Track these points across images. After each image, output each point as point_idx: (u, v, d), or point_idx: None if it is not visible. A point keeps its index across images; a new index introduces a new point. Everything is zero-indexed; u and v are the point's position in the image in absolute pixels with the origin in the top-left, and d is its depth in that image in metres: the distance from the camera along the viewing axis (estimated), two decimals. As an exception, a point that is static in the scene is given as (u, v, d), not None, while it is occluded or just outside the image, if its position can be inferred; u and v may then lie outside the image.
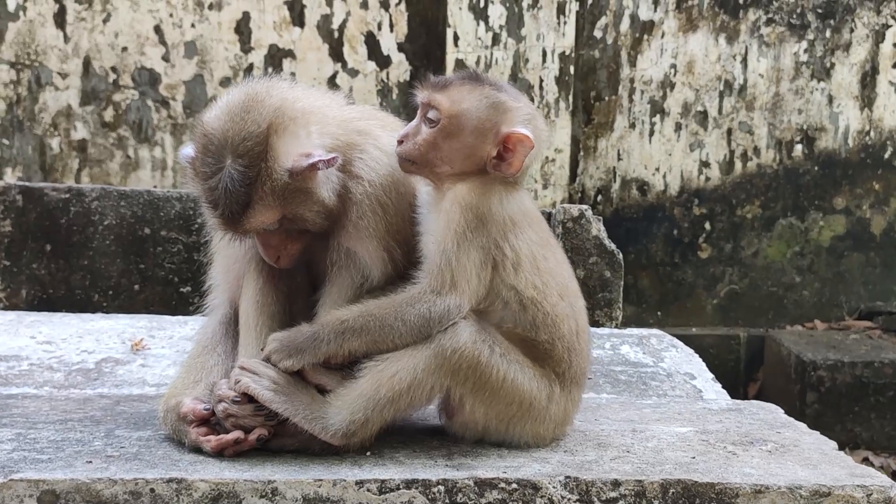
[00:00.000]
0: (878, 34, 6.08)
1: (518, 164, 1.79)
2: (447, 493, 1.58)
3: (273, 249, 1.82)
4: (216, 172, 1.73)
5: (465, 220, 1.73)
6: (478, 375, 1.69)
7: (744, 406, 2.12)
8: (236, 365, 1.76)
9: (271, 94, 1.78)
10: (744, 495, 1.57)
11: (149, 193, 3.34)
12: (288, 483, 1.57)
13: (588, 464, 1.67)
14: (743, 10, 6.05)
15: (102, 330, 2.68)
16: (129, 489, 1.55)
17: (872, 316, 6.15)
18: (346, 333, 1.70)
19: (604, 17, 6.06)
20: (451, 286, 1.70)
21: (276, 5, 6.00)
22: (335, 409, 1.69)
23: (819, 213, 6.12)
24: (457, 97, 1.79)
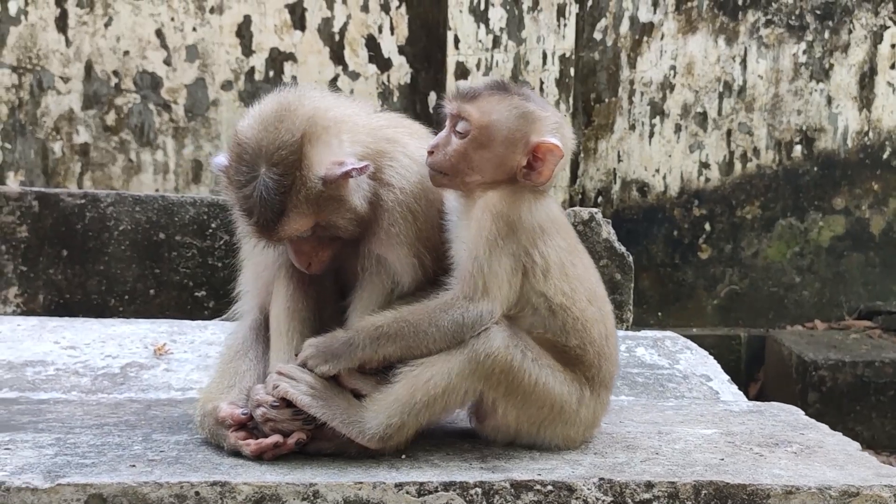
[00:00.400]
0: (877, 35, 6.14)
1: (548, 173, 1.82)
2: (484, 495, 1.62)
3: (305, 256, 1.85)
4: (250, 181, 1.75)
5: (497, 227, 1.76)
6: (510, 380, 1.73)
7: (764, 408, 2.16)
8: (274, 370, 1.79)
9: (303, 103, 1.81)
10: (775, 496, 1.61)
11: (163, 199, 3.36)
12: (329, 486, 1.60)
13: (619, 466, 1.71)
14: (742, 12, 6.10)
15: (125, 335, 2.70)
16: (174, 492, 1.58)
17: (872, 315, 6.21)
18: (381, 339, 1.73)
19: (603, 19, 6.10)
20: (484, 292, 1.73)
21: (277, 9, 6.02)
22: (372, 413, 1.72)
23: (819, 213, 6.18)
24: (486, 108, 1.81)
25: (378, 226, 1.84)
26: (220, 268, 3.35)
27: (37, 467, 1.64)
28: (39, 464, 1.66)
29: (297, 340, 1.90)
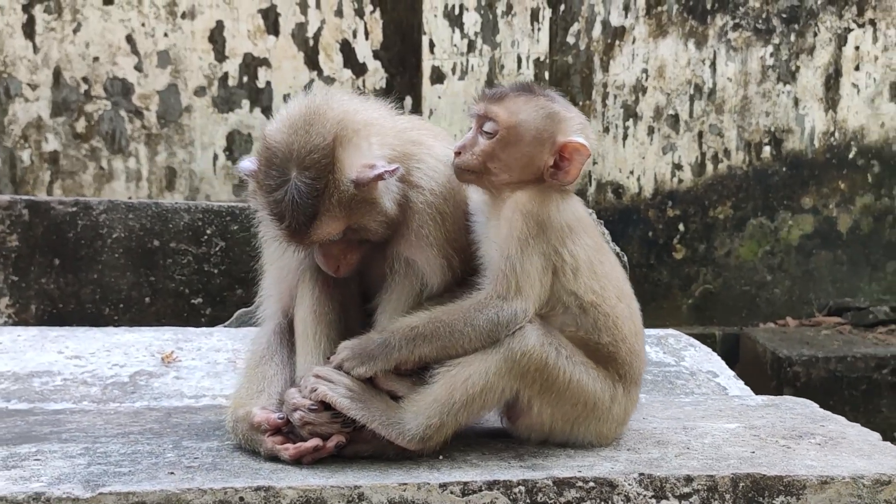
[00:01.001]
0: (841, 38, 6.29)
1: (575, 173, 1.84)
2: (527, 493, 1.63)
3: (333, 260, 1.84)
4: (281, 185, 1.74)
5: (528, 227, 1.77)
6: (545, 377, 1.74)
7: (779, 401, 2.21)
8: (308, 374, 1.78)
9: (332, 106, 1.81)
10: (811, 487, 1.65)
11: (157, 206, 3.33)
12: (373, 488, 1.60)
13: (655, 461, 1.73)
14: (710, 16, 6.21)
15: (129, 343, 2.66)
16: (218, 498, 1.56)
17: (841, 312, 6.35)
18: (416, 340, 1.74)
19: (576, 23, 6.16)
20: (517, 291, 1.74)
21: (250, 14, 5.98)
22: (411, 414, 1.73)
23: (788, 212, 6.31)
24: (514, 108, 1.83)
25: (407, 228, 1.85)
26: (216, 274, 3.33)
27: (73, 477, 1.62)
28: (74, 473, 1.64)
29: (325, 344, 1.89)
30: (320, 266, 1.87)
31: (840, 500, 1.65)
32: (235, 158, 5.97)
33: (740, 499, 1.65)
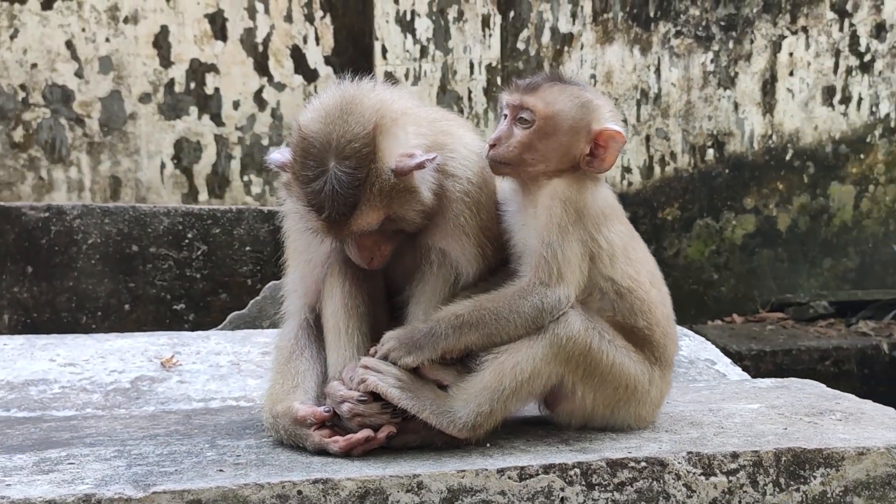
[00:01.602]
0: (776, 45, 6.53)
1: (612, 160, 1.86)
2: (582, 475, 1.65)
3: (367, 251, 1.82)
4: (319, 175, 1.72)
5: (567, 214, 1.79)
6: (588, 362, 1.76)
7: (787, 383, 2.28)
8: (356, 365, 1.75)
9: (368, 95, 1.79)
10: (849, 458, 1.71)
11: (134, 209, 3.24)
12: (432, 476, 1.59)
13: (696, 440, 1.77)
14: (654, 23, 6.37)
15: (123, 349, 2.58)
16: (276, 493, 1.53)
17: (783, 307, 6.58)
18: (462, 328, 1.73)
19: (526, 29, 6.25)
20: (559, 277, 1.75)
21: (196, 19, 5.88)
22: (461, 402, 1.72)
23: (731, 212, 6.51)
24: (549, 98, 1.85)
25: (443, 217, 1.84)
26: (199, 279, 3.26)
27: (118, 478, 1.56)
28: (118, 475, 1.58)
29: (358, 337, 1.87)
30: (353, 259, 1.84)
31: (876, 470, 1.72)
32: (184, 167, 5.85)
33: (783, 472, 1.70)
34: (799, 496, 1.70)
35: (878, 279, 6.71)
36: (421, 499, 1.58)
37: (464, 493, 1.60)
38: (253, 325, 2.92)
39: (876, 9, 6.60)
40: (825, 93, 6.60)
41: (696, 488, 1.67)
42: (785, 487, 1.70)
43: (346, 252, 1.86)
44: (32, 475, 1.58)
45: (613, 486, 1.65)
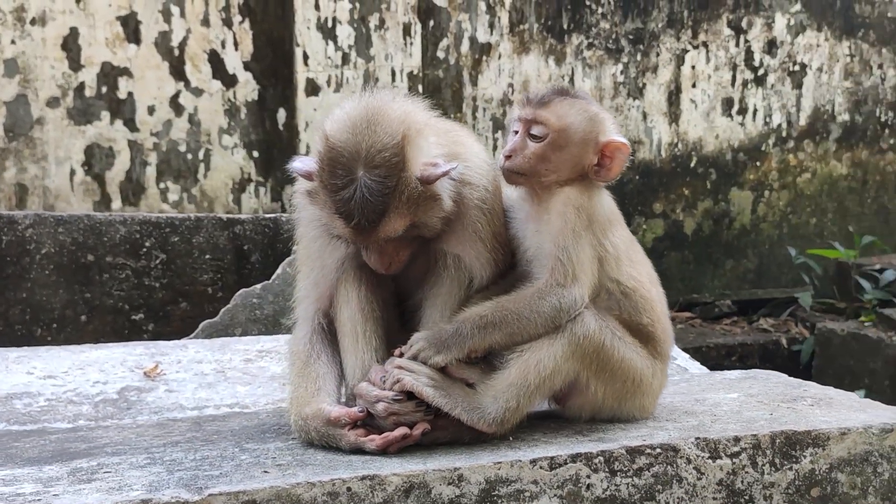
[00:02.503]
0: (679, 58, 6.89)
1: (618, 170, 1.99)
2: (605, 462, 1.76)
3: (387, 257, 1.88)
4: (349, 184, 1.77)
5: (579, 219, 1.90)
6: (602, 357, 1.88)
7: (753, 374, 2.47)
8: (392, 365, 1.81)
9: (392, 107, 1.85)
10: (833, 438, 1.89)
11: (89, 218, 3.17)
12: (472, 468, 1.67)
13: (698, 427, 1.91)
14: (567, 35, 6.62)
15: (101, 360, 2.53)
16: (326, 490, 1.58)
17: (691, 307, 6.94)
18: (487, 328, 1.82)
19: (445, 38, 6.38)
20: (574, 278, 1.86)
21: (108, 21, 5.73)
22: (489, 398, 1.81)
23: (642, 217, 6.82)
24: (561, 112, 1.95)
25: (461, 224, 1.92)
26: (158, 288, 3.21)
27: (167, 483, 1.57)
28: (164, 481, 1.59)
29: (375, 341, 1.93)
30: (371, 265, 1.90)
31: (856, 448, 1.91)
32: (96, 173, 5.69)
33: (777, 453, 1.87)
34: (792, 474, 1.87)
35: (774, 279, 7.17)
36: (461, 490, 1.67)
37: (500, 483, 1.69)
38: (225, 332, 2.91)
39: (767, 27, 7.07)
40: (724, 104, 7.01)
41: (704, 471, 1.82)
42: (780, 467, 1.87)
43: (363, 258, 1.91)
44: (74, 485, 1.58)
45: (633, 471, 1.78)
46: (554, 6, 6.62)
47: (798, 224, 7.20)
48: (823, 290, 6.80)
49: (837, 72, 7.24)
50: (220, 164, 6.04)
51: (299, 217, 2.02)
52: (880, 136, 7.36)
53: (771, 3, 7.05)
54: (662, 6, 6.86)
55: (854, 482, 1.90)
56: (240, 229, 3.38)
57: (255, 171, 6.12)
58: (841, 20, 7.18)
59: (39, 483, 1.59)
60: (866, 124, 7.33)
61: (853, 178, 7.32)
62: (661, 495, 1.79)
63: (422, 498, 1.64)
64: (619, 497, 1.76)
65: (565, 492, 1.73)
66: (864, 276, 6.32)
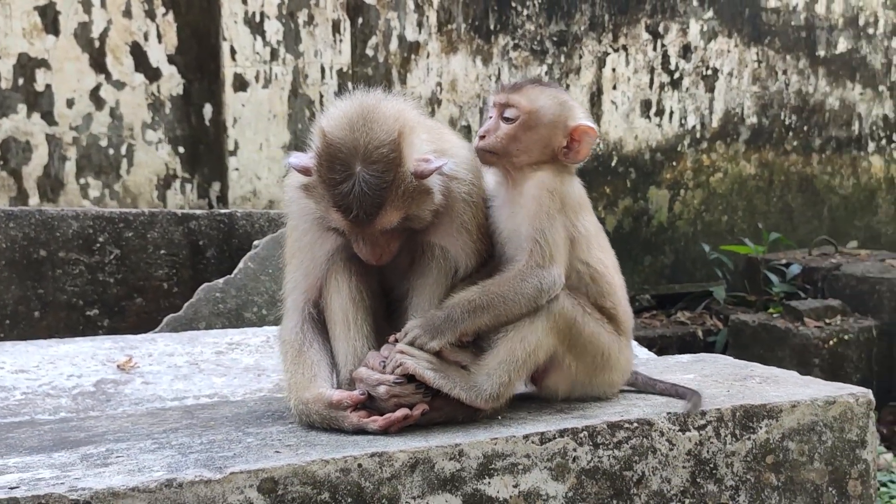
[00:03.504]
0: (601, 61, 7.15)
1: (585, 152, 2.10)
2: (589, 436, 1.90)
3: (378, 248, 1.97)
4: (347, 178, 1.86)
5: (553, 201, 2.02)
6: (574, 332, 2.00)
7: (701, 357, 2.67)
8: (394, 350, 1.90)
9: (386, 105, 1.95)
10: (785, 410, 2.08)
11: (41, 213, 3.13)
12: (471, 444, 1.78)
13: (667, 403, 2.07)
14: (494, 36, 6.79)
15: (71, 354, 2.52)
16: (339, 467, 1.66)
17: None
18: (475, 311, 1.93)
19: (374, 36, 6.45)
20: (552, 259, 1.98)
21: (25, 11, 5.58)
22: (483, 377, 1.92)
23: (565, 214, 7.02)
24: (532, 96, 2.08)
25: (447, 216, 2.03)
26: (112, 284, 3.20)
27: (187, 464, 1.62)
28: (182, 462, 1.64)
29: (366, 328, 2.02)
30: (363, 256, 1.98)
31: (804, 419, 2.11)
32: (12, 168, 5.54)
33: (738, 425, 2.05)
34: (750, 443, 2.06)
35: (690, 274, 7.51)
36: (462, 465, 1.78)
37: (496, 457, 1.81)
38: (189, 326, 2.93)
39: (683, 32, 7.40)
40: (643, 106, 7.30)
41: (675, 442, 1.99)
42: (739, 437, 2.05)
43: (355, 249, 2.00)
44: (93, 468, 1.61)
45: (613, 444, 1.93)
46: (481, 7, 6.76)
47: (711, 221, 7.56)
48: (735, 283, 7.16)
49: (746, 76, 7.64)
50: (144, 160, 5.95)
51: (290, 211, 2.09)
52: (785, 139, 7.80)
53: (686, 10, 7.38)
54: (585, 10, 7.09)
55: (802, 449, 2.10)
56: (195, 224, 3.39)
57: (180, 167, 6.05)
58: (749, 27, 7.58)
59: (55, 468, 1.62)
60: (772, 127, 7.76)
61: (760, 177, 7.73)
62: (638, 465, 1.94)
63: (426, 472, 1.74)
64: (601, 468, 1.91)
65: (554, 464, 1.86)
66: (771, 270, 6.70)
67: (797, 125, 7.85)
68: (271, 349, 2.65)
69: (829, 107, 7.97)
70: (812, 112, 7.91)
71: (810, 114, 7.91)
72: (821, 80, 7.91)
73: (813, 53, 7.80)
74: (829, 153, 7.98)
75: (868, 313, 6.22)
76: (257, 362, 2.56)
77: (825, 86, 7.92)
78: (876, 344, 6.05)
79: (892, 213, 8.26)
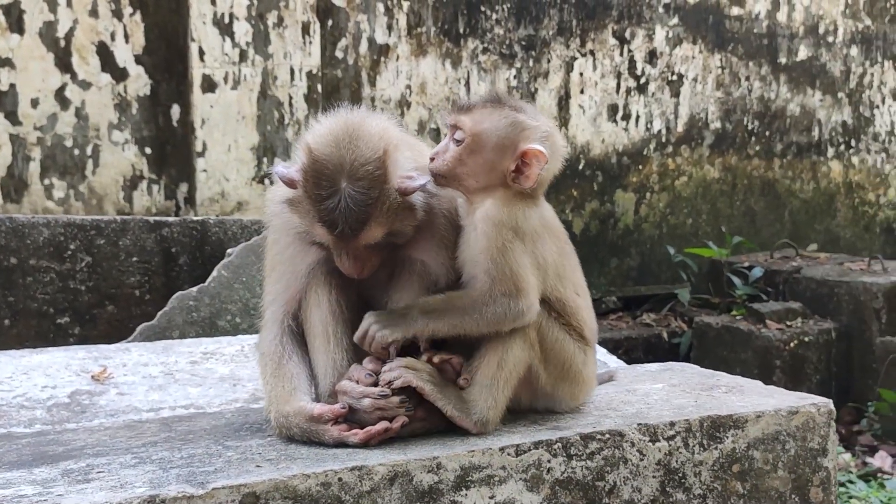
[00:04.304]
0: (569, 65, 7.23)
1: (533, 177, 2.03)
2: (563, 448, 1.95)
3: (360, 262, 1.99)
4: (333, 195, 1.88)
5: (500, 233, 1.99)
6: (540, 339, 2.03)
7: (670, 366, 2.73)
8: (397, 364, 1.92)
9: (370, 122, 1.97)
10: (750, 420, 2.15)
11: (11, 220, 3.11)
12: (448, 457, 1.82)
13: (637, 414, 2.13)
14: (463, 39, 6.83)
15: (44, 365, 2.52)
16: (320, 481, 1.69)
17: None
18: (431, 315, 1.95)
19: (343, 38, 6.46)
20: (518, 291, 1.97)
21: (-11, 9, 5.54)
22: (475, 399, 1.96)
23: (533, 217, 7.09)
24: (479, 118, 2.03)
25: (428, 232, 2.06)
26: (84, 291, 3.19)
27: (168, 480, 1.64)
28: (163, 478, 1.65)
29: (346, 341, 2.05)
30: (345, 269, 2.01)
31: (768, 429, 2.18)
32: (-25, 171, 5.49)
33: (705, 435, 2.12)
34: (717, 453, 2.12)
35: (655, 276, 7.62)
36: (440, 477, 1.82)
37: (473, 469, 1.85)
38: (163, 335, 2.93)
39: (648, 38, 7.51)
40: (610, 110, 7.39)
41: (646, 452, 2.05)
42: (707, 447, 2.11)
43: (337, 263, 2.02)
44: (73, 485, 1.63)
45: (586, 455, 1.98)
46: (450, 10, 6.80)
47: (676, 224, 7.68)
48: (699, 286, 7.28)
49: (710, 82, 7.77)
50: (110, 161, 5.90)
51: (272, 224, 2.11)
52: (747, 143, 7.95)
53: (652, 16, 7.48)
54: (553, 14, 7.16)
55: (767, 458, 2.17)
56: (167, 232, 3.39)
57: (147, 168, 6.01)
58: (713, 34, 7.70)
59: (37, 485, 1.63)
60: (735, 132, 7.90)
61: (724, 181, 7.87)
62: (610, 475, 2.00)
63: (405, 485, 1.78)
64: (574, 478, 1.96)
65: (529, 475, 1.91)
66: (734, 273, 6.82)
67: (759, 130, 8.00)
68: (246, 358, 2.67)
69: (790, 113, 8.13)
70: (774, 118, 8.07)
71: (772, 119, 8.06)
72: (782, 87, 8.07)
73: (774, 60, 7.95)
74: (790, 158, 8.14)
75: (827, 315, 6.37)
76: (232, 372, 2.58)
77: (786, 92, 8.09)
78: (835, 346, 6.20)
79: (850, 217, 8.45)
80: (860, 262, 6.89)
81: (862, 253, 7.92)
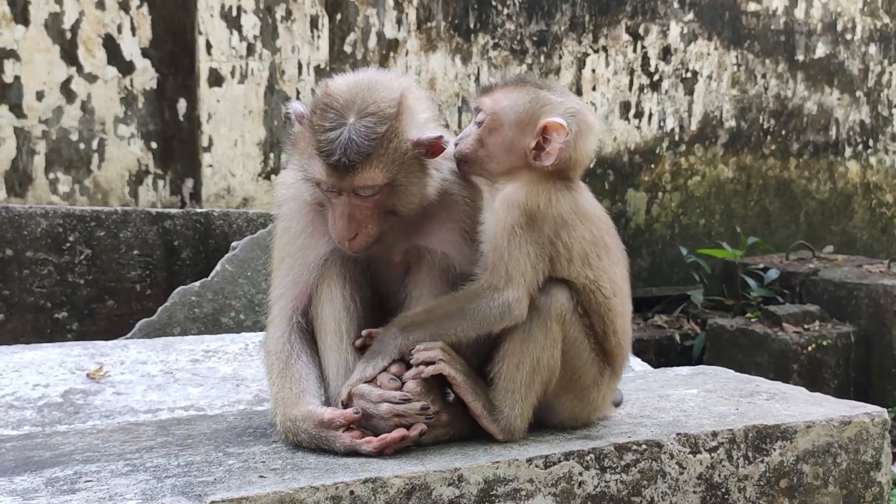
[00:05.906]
0: (580, 61, 7.07)
1: (555, 153, 1.86)
2: (596, 459, 1.78)
3: (355, 224, 1.81)
4: (337, 127, 1.75)
5: (513, 218, 1.82)
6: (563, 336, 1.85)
7: (701, 370, 2.56)
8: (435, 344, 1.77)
9: (392, 76, 1.88)
10: (800, 431, 1.98)
11: (7, 210, 2.95)
12: (471, 468, 1.65)
13: (674, 423, 1.96)
14: (474, 35, 6.68)
15: (37, 362, 2.36)
16: (330, 494, 1.53)
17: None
18: (409, 328, 1.80)
19: (352, 33, 6.31)
20: (507, 281, 1.80)
21: (-7, 0, 5.39)
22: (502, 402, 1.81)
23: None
24: (499, 97, 1.90)
25: (449, 220, 1.89)
26: (83, 285, 3.03)
27: (162, 491, 1.47)
28: (158, 489, 1.49)
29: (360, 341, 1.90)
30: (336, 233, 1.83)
31: (819, 440, 2.01)
32: (-21, 164, 5.34)
33: (750, 447, 1.94)
34: (763, 467, 1.95)
35: (667, 277, 7.45)
36: (461, 491, 1.65)
37: (498, 482, 1.68)
38: (164, 331, 2.77)
39: (663, 34, 7.34)
40: (622, 107, 7.23)
41: (686, 465, 1.87)
42: (753, 460, 1.94)
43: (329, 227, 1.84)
44: (59, 495, 1.46)
45: (621, 467, 1.81)
46: (461, 5, 6.65)
47: (688, 224, 7.51)
48: (713, 287, 7.11)
49: (725, 80, 7.60)
50: (116, 155, 5.76)
51: (282, 211, 1.95)
52: (763, 143, 7.78)
53: (666, 12, 7.32)
54: (565, 10, 7.00)
55: (817, 472, 2.00)
56: (170, 224, 3.23)
57: (153, 163, 5.87)
58: (729, 31, 7.54)
59: (17, 496, 1.46)
60: (750, 131, 7.73)
61: (738, 181, 7.70)
62: (647, 490, 1.83)
63: (423, 499, 1.61)
64: (608, 493, 1.79)
65: (559, 489, 1.74)
66: (749, 274, 6.66)
67: (775, 129, 7.83)
68: (251, 357, 2.50)
69: (807, 111, 7.96)
70: (790, 116, 7.90)
71: (788, 118, 7.89)
72: (799, 85, 7.90)
73: (792, 58, 7.78)
74: (807, 158, 7.97)
75: (846, 319, 6.20)
76: (235, 371, 2.41)
77: (803, 90, 7.91)
78: (853, 350, 6.04)
79: (868, 218, 8.27)
80: (879, 264, 6.72)
81: (879, 255, 7.75)
